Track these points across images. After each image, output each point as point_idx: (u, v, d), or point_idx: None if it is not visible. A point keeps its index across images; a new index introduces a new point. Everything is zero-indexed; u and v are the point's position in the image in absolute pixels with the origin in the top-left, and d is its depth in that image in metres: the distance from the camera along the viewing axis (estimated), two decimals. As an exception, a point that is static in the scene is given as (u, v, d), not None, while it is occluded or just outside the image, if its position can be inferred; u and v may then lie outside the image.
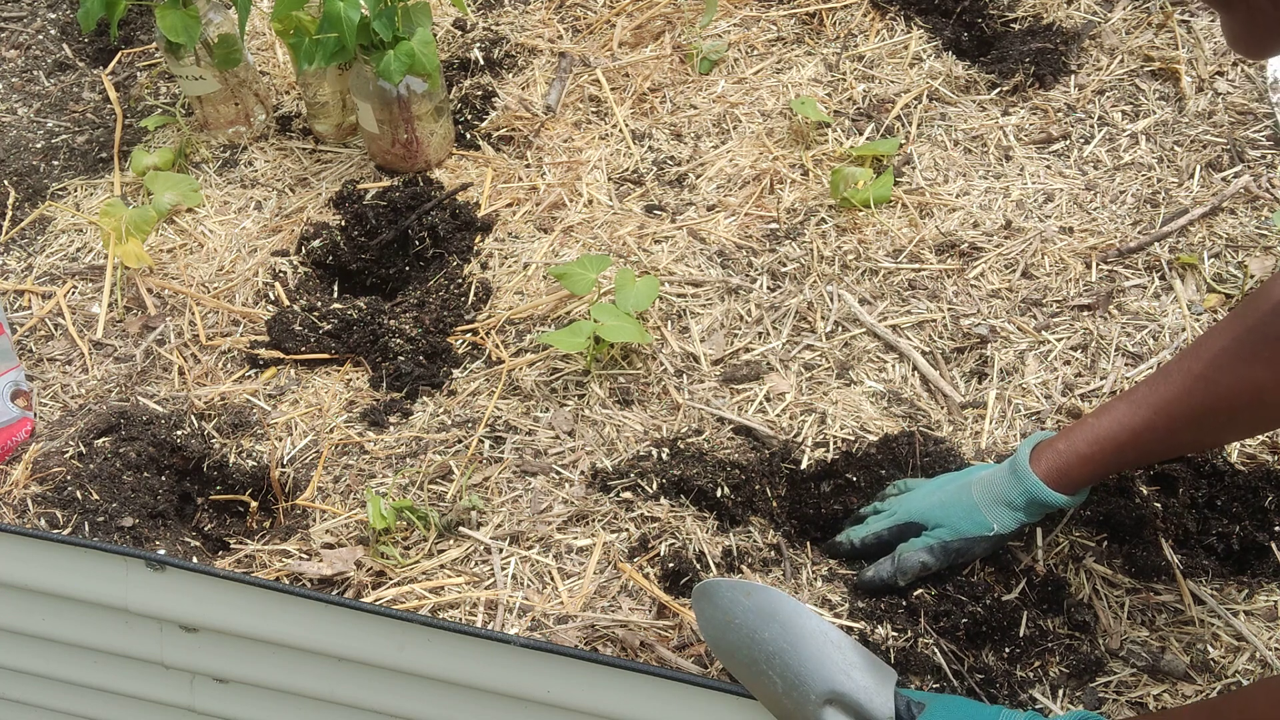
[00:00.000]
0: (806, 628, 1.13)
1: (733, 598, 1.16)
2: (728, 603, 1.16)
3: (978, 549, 1.33)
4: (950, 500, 1.34)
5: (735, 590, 1.17)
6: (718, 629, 1.17)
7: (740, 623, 1.15)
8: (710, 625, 1.18)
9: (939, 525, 1.33)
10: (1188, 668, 1.28)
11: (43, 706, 1.31)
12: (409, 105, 1.87)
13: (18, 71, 2.33)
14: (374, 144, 1.97)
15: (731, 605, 1.16)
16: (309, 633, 1.09)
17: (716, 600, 1.17)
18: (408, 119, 1.89)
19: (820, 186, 1.86)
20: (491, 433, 1.58)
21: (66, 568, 1.13)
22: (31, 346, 1.78)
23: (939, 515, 1.34)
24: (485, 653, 1.04)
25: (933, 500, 1.36)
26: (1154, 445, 1.23)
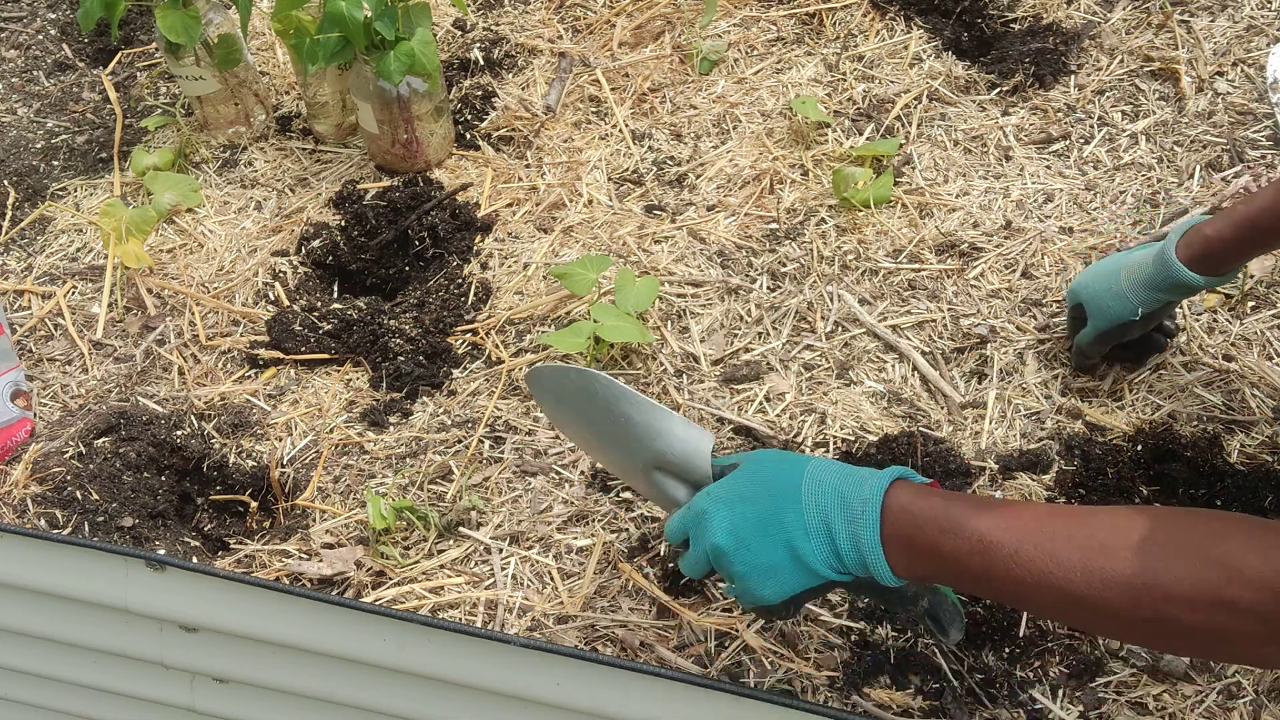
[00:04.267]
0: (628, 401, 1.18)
1: (558, 381, 1.24)
2: (555, 385, 1.24)
3: (1134, 331, 1.46)
4: (1104, 287, 1.46)
5: (558, 374, 1.24)
6: (552, 409, 1.29)
7: (569, 404, 1.23)
8: (546, 407, 1.30)
9: (1094, 314, 1.47)
10: (1188, 668, 1.28)
11: (43, 706, 1.31)
12: (409, 105, 1.87)
13: (18, 71, 2.33)
14: (374, 144, 1.97)
15: (559, 388, 1.24)
16: (309, 633, 1.09)
17: (545, 384, 1.26)
18: (408, 119, 1.89)
19: (820, 186, 1.86)
20: (491, 433, 1.58)
21: (66, 568, 1.13)
22: (31, 346, 1.78)
23: (1095, 303, 1.47)
24: (485, 653, 1.04)
25: (1092, 285, 1.48)
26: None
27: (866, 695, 1.27)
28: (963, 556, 0.96)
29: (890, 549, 0.99)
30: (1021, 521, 0.95)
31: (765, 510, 1.05)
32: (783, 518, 1.03)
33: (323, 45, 1.77)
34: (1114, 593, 0.88)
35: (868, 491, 1.01)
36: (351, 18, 1.70)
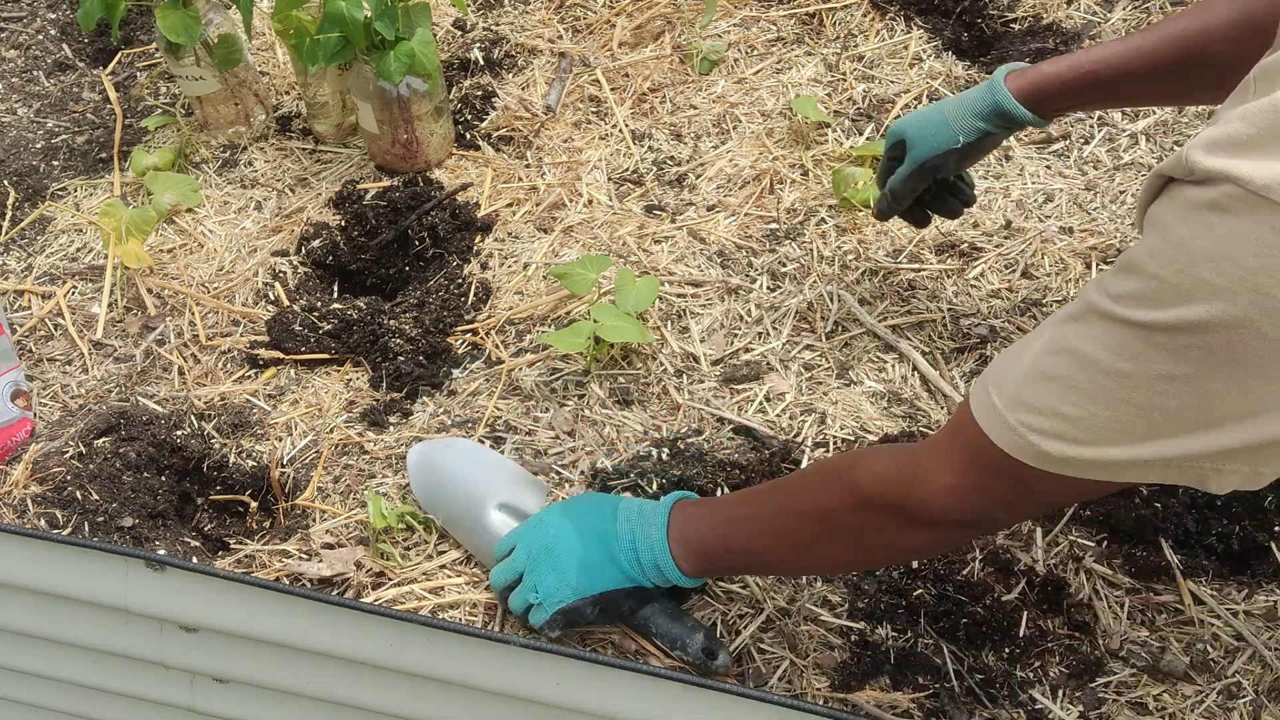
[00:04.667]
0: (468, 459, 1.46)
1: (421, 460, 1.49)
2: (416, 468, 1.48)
3: (950, 163, 1.45)
4: (927, 118, 1.46)
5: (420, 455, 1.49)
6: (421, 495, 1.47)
7: (425, 481, 1.46)
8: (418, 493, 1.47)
9: (915, 144, 1.47)
10: (1188, 668, 1.28)
11: (43, 706, 1.31)
12: (409, 105, 1.87)
13: (18, 71, 2.33)
14: (374, 144, 1.97)
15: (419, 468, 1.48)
16: (309, 633, 1.09)
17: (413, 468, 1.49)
18: (408, 119, 1.89)
19: (820, 186, 1.86)
20: (491, 433, 1.58)
21: (66, 568, 1.13)
22: (31, 346, 1.77)
23: (917, 134, 1.46)
24: (485, 653, 1.04)
25: (916, 119, 1.48)
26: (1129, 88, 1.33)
27: (866, 695, 1.28)
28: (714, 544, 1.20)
29: (674, 550, 1.21)
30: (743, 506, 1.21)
31: (590, 520, 1.26)
32: (603, 526, 1.24)
33: (323, 45, 1.76)
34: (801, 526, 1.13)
35: (658, 506, 1.24)
36: (351, 18, 1.70)
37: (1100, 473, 0.88)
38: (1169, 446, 0.83)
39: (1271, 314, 0.73)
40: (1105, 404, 0.84)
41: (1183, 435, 0.81)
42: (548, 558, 1.25)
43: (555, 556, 1.25)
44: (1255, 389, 0.77)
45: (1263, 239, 0.71)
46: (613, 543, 1.22)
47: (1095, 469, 0.87)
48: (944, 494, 1.00)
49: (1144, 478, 0.86)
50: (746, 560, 1.21)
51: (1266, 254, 0.71)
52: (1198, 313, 0.75)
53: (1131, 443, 0.84)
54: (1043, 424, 0.88)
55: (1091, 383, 0.84)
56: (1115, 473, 0.87)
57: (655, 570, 1.21)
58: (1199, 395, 0.79)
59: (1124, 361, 0.82)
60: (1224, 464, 0.82)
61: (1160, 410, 0.81)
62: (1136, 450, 0.84)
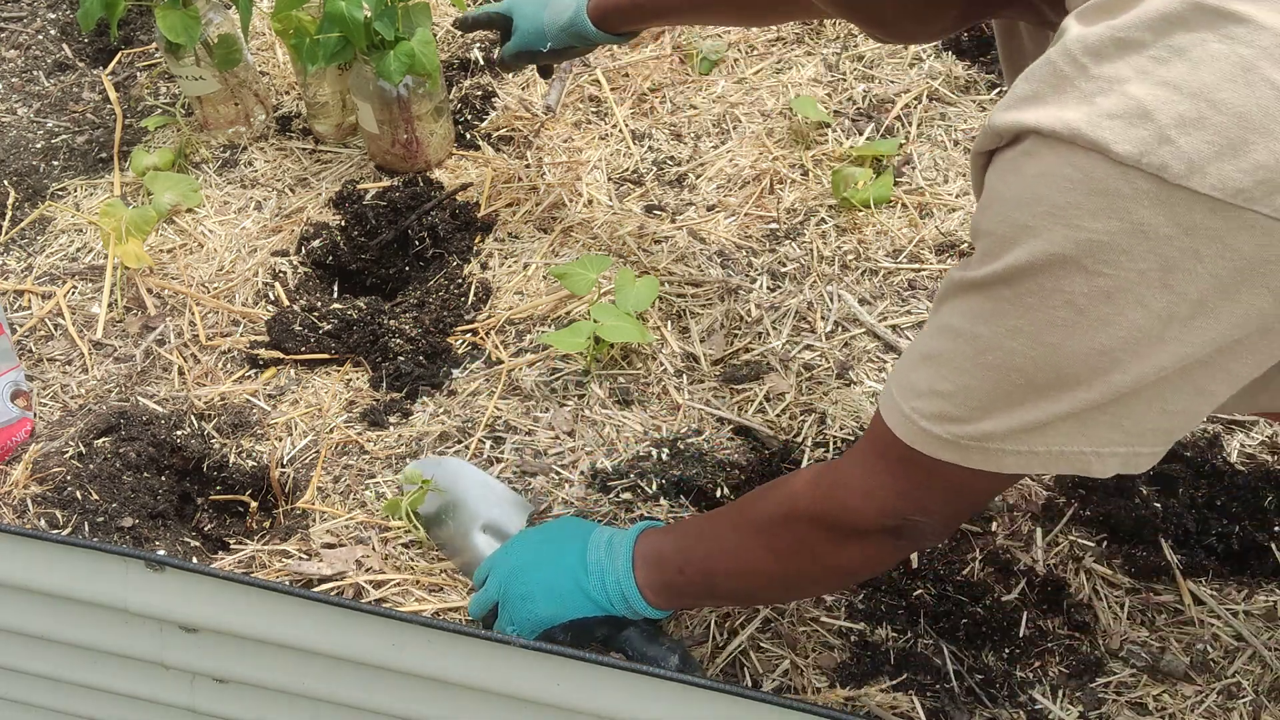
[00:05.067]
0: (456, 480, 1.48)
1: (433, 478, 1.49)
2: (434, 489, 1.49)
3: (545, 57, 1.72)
4: (533, 13, 1.68)
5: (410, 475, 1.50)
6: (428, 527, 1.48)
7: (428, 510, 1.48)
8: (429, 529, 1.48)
9: (517, 31, 1.71)
10: (1188, 668, 1.28)
11: (43, 706, 1.31)
12: (409, 105, 1.87)
13: (18, 71, 2.33)
14: (374, 144, 1.96)
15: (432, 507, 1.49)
16: (309, 633, 1.09)
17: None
18: (408, 119, 1.89)
19: (820, 186, 1.86)
20: (491, 433, 1.58)
21: (66, 568, 1.13)
22: (31, 346, 1.77)
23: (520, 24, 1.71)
24: (486, 654, 1.04)
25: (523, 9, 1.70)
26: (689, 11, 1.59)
27: (866, 695, 1.28)
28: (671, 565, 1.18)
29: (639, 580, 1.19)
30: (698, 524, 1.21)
31: (560, 547, 1.25)
32: (571, 555, 1.23)
33: (323, 45, 1.76)
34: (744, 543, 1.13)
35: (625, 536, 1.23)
36: (351, 18, 1.70)
37: (983, 459, 0.88)
38: (1031, 412, 0.83)
39: (1087, 248, 0.75)
40: (970, 373, 0.85)
41: (1041, 399, 0.82)
42: (519, 587, 1.24)
43: (526, 586, 1.24)
44: (1095, 336, 0.78)
45: (1064, 175, 0.75)
46: (582, 574, 1.21)
47: (978, 453, 0.87)
48: (861, 496, 1.00)
49: (1029, 466, 0.86)
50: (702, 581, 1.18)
51: (1069, 189, 0.75)
52: (1021, 256, 0.78)
53: (999, 411, 0.85)
54: (926, 406, 0.89)
55: (957, 353, 0.86)
56: (999, 460, 0.87)
57: (622, 601, 1.20)
58: (1045, 349, 0.80)
59: (979, 324, 0.84)
60: (1095, 438, 0.83)
61: (1016, 371, 0.82)
62: (1005, 420, 0.85)
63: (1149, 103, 0.73)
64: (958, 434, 0.88)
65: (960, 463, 0.89)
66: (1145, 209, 0.73)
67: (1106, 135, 0.73)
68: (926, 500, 0.97)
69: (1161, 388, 0.80)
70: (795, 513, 1.07)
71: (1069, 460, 0.85)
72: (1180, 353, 0.78)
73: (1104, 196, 0.74)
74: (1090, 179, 0.74)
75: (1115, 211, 0.74)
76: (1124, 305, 0.77)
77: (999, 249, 0.80)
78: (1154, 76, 0.73)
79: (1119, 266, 0.75)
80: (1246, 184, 0.72)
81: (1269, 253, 0.74)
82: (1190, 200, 0.73)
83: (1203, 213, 0.73)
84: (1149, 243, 0.74)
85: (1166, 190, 0.73)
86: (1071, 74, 0.76)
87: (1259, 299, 0.75)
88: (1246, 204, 0.72)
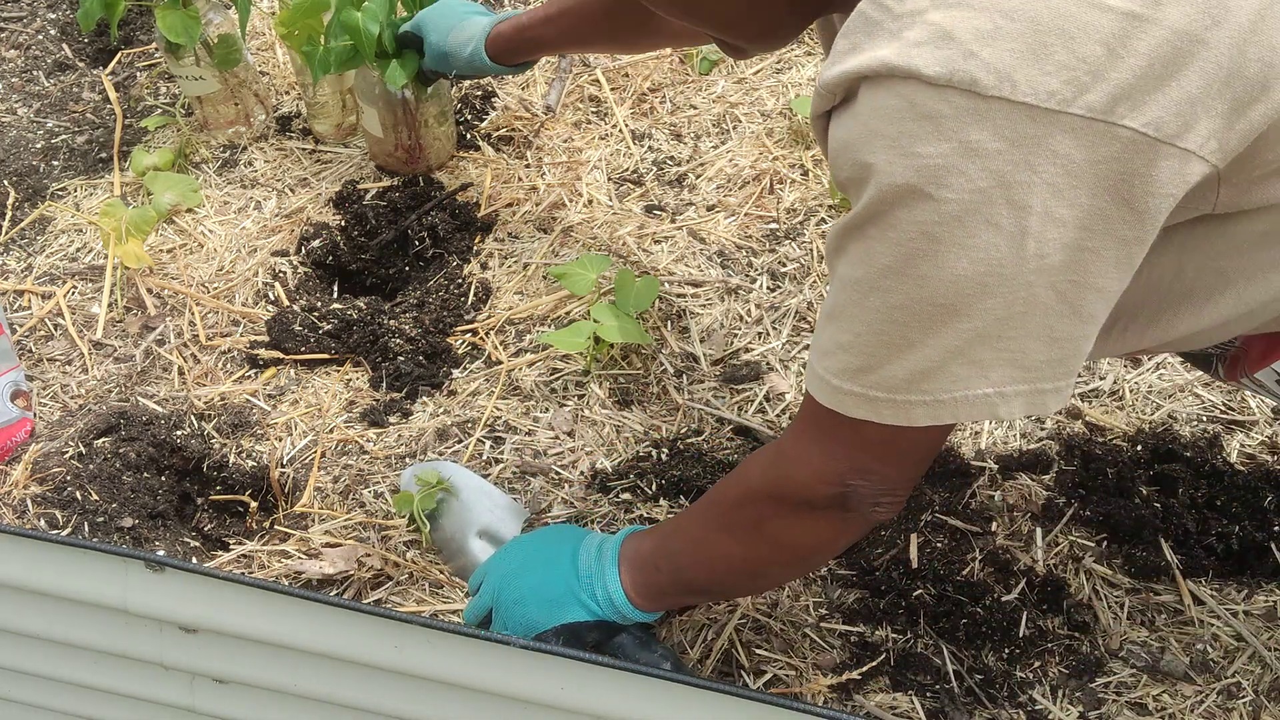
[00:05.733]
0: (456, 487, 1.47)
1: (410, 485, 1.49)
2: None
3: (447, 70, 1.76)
4: (439, 41, 1.73)
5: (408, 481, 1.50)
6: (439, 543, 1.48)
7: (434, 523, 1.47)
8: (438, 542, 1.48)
9: (427, 54, 1.76)
10: (1188, 668, 1.28)
11: (42, 706, 1.31)
12: (414, 110, 1.87)
13: (18, 71, 2.33)
14: (376, 146, 1.97)
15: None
16: (309, 633, 1.09)
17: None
18: (412, 123, 1.89)
19: (820, 186, 1.86)
20: (491, 433, 1.58)
21: (66, 568, 1.13)
22: (31, 346, 1.78)
23: (429, 48, 1.75)
24: (486, 654, 1.04)
25: (432, 36, 1.74)
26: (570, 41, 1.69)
27: (866, 695, 1.28)
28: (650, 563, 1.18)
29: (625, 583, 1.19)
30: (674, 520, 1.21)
31: (552, 552, 1.25)
32: (563, 561, 1.23)
33: (335, 53, 1.76)
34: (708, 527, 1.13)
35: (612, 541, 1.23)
36: (366, 31, 1.71)
37: (893, 413, 0.89)
38: (923, 351, 0.85)
39: (926, 174, 0.78)
40: (860, 318, 0.87)
41: (927, 334, 0.84)
42: (511, 592, 1.25)
43: (518, 591, 1.24)
44: (957, 261, 0.80)
45: (891, 106, 0.78)
46: (574, 580, 1.22)
47: (888, 406, 0.89)
48: (801, 466, 1.01)
49: (939, 416, 0.87)
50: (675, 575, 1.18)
51: (898, 118, 0.78)
52: (872, 192, 0.81)
53: (895, 356, 0.86)
54: (833, 363, 0.91)
55: (848, 302, 0.88)
56: (909, 413, 0.88)
57: (610, 605, 1.20)
58: (915, 281, 0.82)
59: (856, 268, 0.86)
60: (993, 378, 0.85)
61: (898, 309, 0.84)
62: (902, 364, 0.86)
63: (948, 25, 0.76)
64: (864, 386, 0.89)
65: (873, 418, 0.90)
66: (969, 126, 0.76)
67: (916, 61, 0.76)
68: (860, 461, 0.98)
69: (1039, 312, 0.82)
70: (750, 493, 1.08)
71: (975, 405, 0.86)
72: (1040, 266, 0.80)
73: (929, 120, 0.77)
74: (914, 105, 0.77)
75: (942, 133, 0.77)
76: (974, 227, 0.79)
77: (856, 192, 0.83)
78: (948, 1, 0.77)
79: (959, 190, 0.78)
80: (1055, 86, 0.75)
81: (1095, 153, 0.76)
82: (1009, 110, 0.75)
83: (1023, 121, 0.75)
84: (981, 160, 0.77)
85: (984, 104, 0.75)
86: (879, 18, 0.80)
87: (1098, 200, 0.78)
88: (1061, 106, 0.75)
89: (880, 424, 0.90)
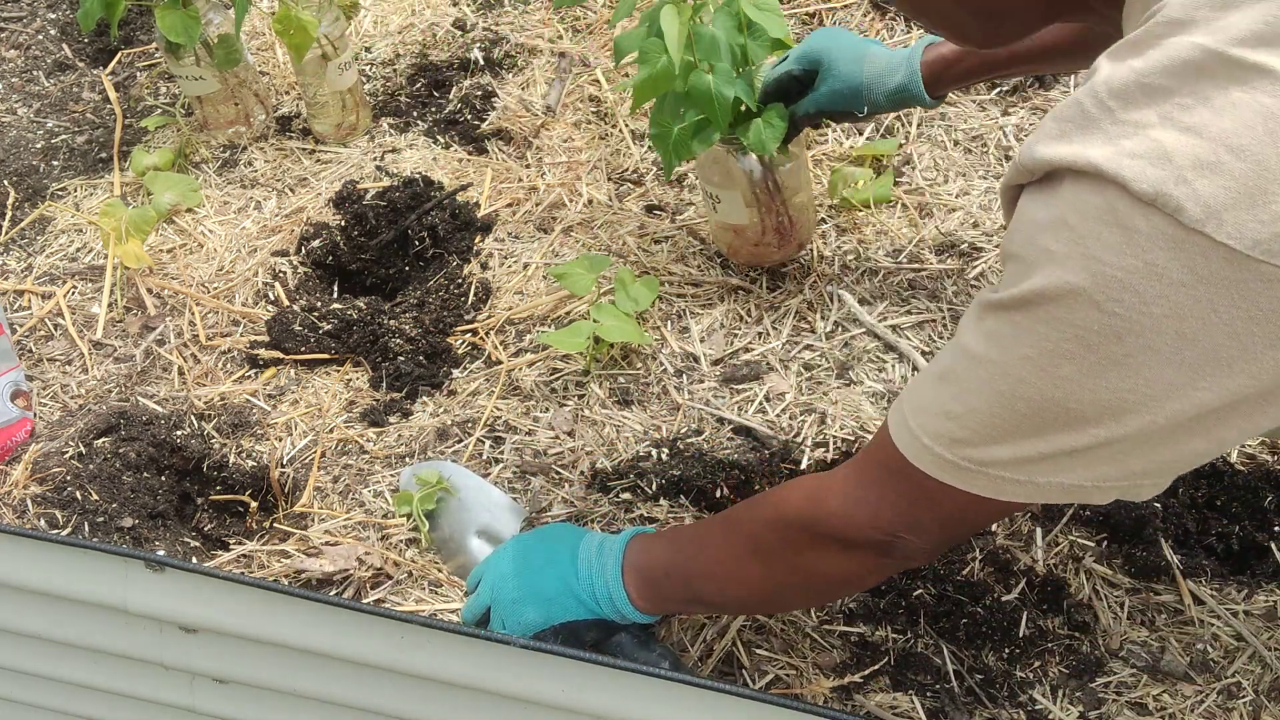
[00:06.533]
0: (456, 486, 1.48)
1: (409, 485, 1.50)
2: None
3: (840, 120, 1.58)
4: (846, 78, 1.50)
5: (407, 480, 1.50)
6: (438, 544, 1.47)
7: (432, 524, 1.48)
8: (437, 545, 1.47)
9: (824, 95, 1.52)
10: (1188, 668, 1.28)
11: (42, 706, 1.31)
12: (779, 180, 1.57)
13: (18, 71, 2.33)
14: (737, 239, 1.65)
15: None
16: (309, 633, 1.09)
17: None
18: (781, 198, 1.58)
19: (820, 186, 1.86)
20: (491, 433, 1.58)
21: (65, 568, 1.13)
22: (31, 346, 1.78)
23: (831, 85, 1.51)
24: (485, 654, 1.04)
25: (838, 67, 1.51)
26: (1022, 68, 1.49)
27: (866, 695, 1.28)
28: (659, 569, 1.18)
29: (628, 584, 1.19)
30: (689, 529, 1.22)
31: (551, 551, 1.24)
32: (562, 559, 1.23)
33: (698, 132, 1.47)
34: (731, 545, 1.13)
35: (616, 541, 1.22)
36: (719, 95, 1.41)
37: (985, 484, 0.87)
38: (1038, 445, 0.83)
39: (1102, 282, 0.75)
40: (980, 395, 0.85)
41: (1049, 431, 0.82)
42: (510, 591, 1.24)
43: (517, 590, 1.24)
44: (1105, 376, 0.78)
45: (1090, 204, 0.75)
46: (572, 578, 1.21)
47: (981, 478, 0.87)
48: (854, 504, 0.99)
49: (1030, 495, 0.86)
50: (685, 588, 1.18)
51: (1094, 218, 0.75)
52: (1039, 282, 0.78)
53: (1005, 440, 0.84)
54: (934, 425, 0.89)
55: (970, 376, 0.86)
56: (999, 487, 0.87)
57: (610, 605, 1.20)
58: (1054, 381, 0.80)
59: (992, 348, 0.83)
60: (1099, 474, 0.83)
61: (1024, 400, 0.82)
62: (1011, 449, 0.84)
63: (1170, 146, 0.73)
64: (962, 457, 0.87)
65: (962, 487, 0.89)
66: (1161, 251, 0.73)
67: (1126, 172, 0.73)
68: (920, 519, 0.96)
69: (1175, 433, 0.79)
70: (785, 520, 1.07)
71: (1069, 491, 0.85)
72: (1194, 401, 0.77)
73: (1123, 231, 0.74)
74: (1114, 211, 0.74)
75: (1132, 249, 0.74)
76: (1134, 348, 0.76)
77: (1022, 273, 0.80)
78: (1177, 122, 0.73)
79: (1129, 308, 0.75)
80: (1264, 235, 0.71)
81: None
82: (1207, 248, 0.72)
83: (1219, 262, 0.72)
84: (1162, 286, 0.74)
85: (1183, 233, 0.72)
86: (1098, 116, 0.77)
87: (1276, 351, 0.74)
88: (1265, 257, 0.71)
89: (960, 491, 0.89)
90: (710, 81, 1.40)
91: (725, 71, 1.41)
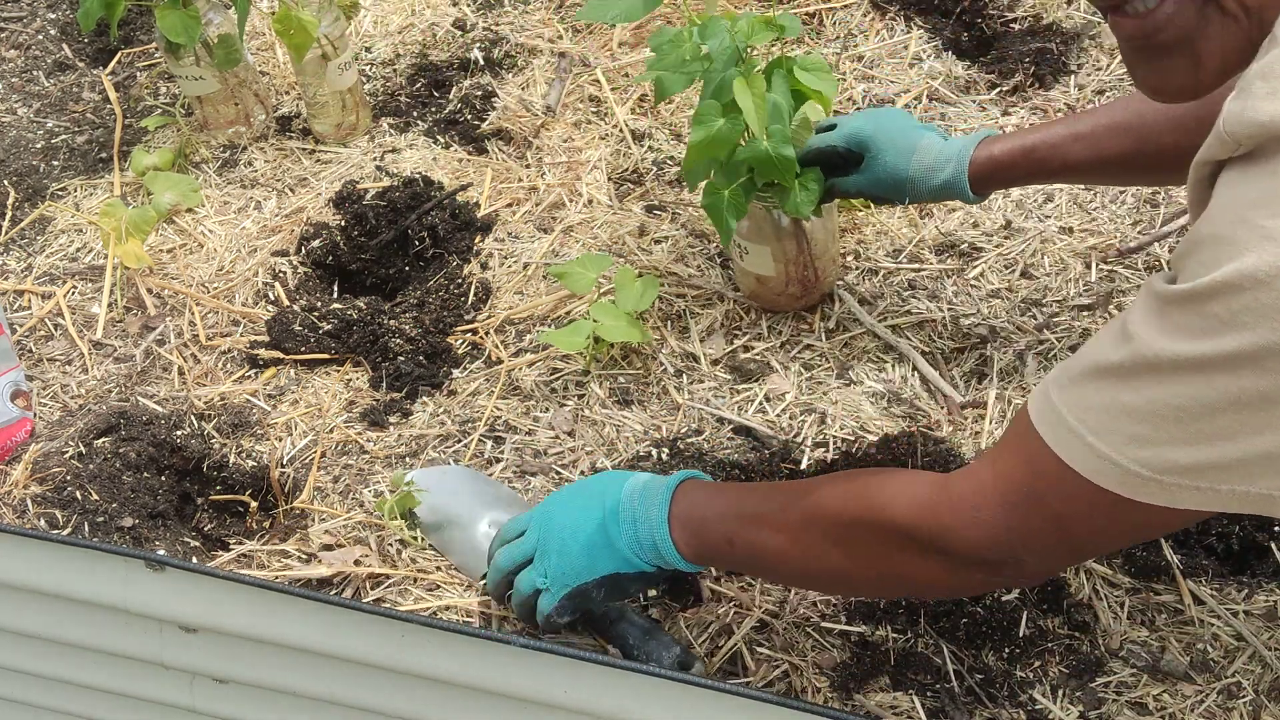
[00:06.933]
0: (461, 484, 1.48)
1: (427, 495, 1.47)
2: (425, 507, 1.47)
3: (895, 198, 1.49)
4: (893, 167, 1.45)
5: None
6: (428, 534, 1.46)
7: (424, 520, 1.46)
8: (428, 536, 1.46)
9: (869, 180, 1.48)
10: (1188, 668, 1.28)
11: (43, 706, 1.31)
12: (808, 236, 1.60)
13: (18, 71, 2.33)
14: (761, 287, 1.66)
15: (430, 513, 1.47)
16: (309, 633, 1.09)
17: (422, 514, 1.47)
18: (809, 252, 1.61)
19: (820, 186, 1.86)
20: (491, 432, 1.58)
21: (66, 568, 1.13)
22: (31, 346, 1.78)
23: (877, 172, 1.47)
24: (485, 653, 1.04)
25: (884, 155, 1.45)
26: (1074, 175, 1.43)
27: (866, 695, 1.28)
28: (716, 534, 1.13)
29: (674, 532, 1.14)
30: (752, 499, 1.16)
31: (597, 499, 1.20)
32: (608, 504, 1.18)
33: (748, 191, 1.48)
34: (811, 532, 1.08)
35: (664, 484, 1.17)
36: (780, 157, 1.41)
37: (1158, 492, 0.79)
38: (1226, 450, 0.76)
39: None
40: (1162, 398, 0.76)
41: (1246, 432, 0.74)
42: (556, 540, 1.21)
43: (562, 539, 1.20)
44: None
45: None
46: (613, 523, 1.16)
47: (1154, 485, 0.79)
48: (972, 525, 0.92)
49: (1206, 504, 0.79)
50: (749, 557, 1.14)
51: None
52: (1250, 263, 0.69)
53: (1187, 443, 0.76)
54: (1104, 423, 0.80)
55: (1150, 374, 0.77)
56: (1174, 495, 0.79)
57: (654, 550, 1.15)
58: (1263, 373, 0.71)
59: (1180, 343, 0.75)
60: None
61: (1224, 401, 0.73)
62: (1196, 453, 0.77)
63: None
64: (1130, 459, 0.79)
65: (1128, 494, 0.80)
66: None
67: None
68: (1053, 543, 0.89)
69: None
70: (882, 521, 1.00)
71: (1250, 501, 0.77)
72: None
73: None
74: None
75: None
76: None
77: (1226, 255, 0.71)
78: None
79: None
80: None
81: None
82: None
83: None
84: None
85: None
86: None
87: None
88: None
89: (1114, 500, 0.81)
90: (766, 147, 1.41)
91: (780, 134, 1.42)
